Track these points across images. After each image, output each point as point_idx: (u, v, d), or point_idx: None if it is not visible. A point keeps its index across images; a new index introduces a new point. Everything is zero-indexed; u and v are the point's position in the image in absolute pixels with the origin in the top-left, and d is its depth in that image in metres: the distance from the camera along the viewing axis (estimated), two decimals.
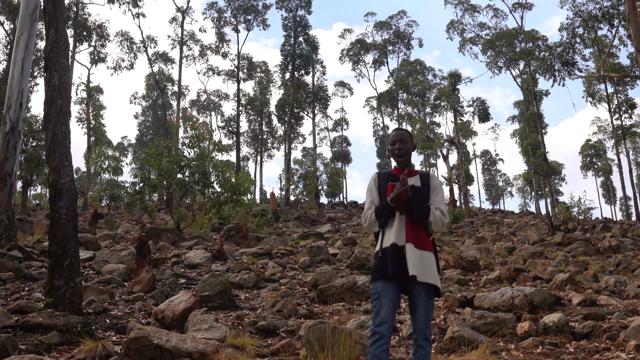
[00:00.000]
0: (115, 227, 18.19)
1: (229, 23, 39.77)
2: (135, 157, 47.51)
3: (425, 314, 3.02)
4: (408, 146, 3.30)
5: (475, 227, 23.65)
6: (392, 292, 3.05)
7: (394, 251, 3.07)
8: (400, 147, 3.28)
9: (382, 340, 2.94)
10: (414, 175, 3.29)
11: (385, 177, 3.30)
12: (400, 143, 3.28)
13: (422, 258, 3.06)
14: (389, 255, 3.07)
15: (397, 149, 3.28)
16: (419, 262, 3.03)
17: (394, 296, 3.05)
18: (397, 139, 3.30)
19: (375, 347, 2.93)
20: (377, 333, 2.95)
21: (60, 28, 6.07)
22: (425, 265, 3.05)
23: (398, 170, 3.33)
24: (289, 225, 23.06)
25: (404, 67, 49.92)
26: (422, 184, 3.25)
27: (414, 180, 3.25)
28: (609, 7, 21.92)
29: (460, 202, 39.43)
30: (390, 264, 3.05)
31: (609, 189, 59.84)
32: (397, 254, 3.06)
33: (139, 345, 4.16)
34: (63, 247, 5.45)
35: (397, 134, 3.33)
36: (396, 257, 3.05)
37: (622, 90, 39.27)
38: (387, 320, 2.98)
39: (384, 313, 2.99)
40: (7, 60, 27.75)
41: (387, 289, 3.04)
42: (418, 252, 3.07)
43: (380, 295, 3.03)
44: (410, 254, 3.04)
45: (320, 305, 7.13)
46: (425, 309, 3.03)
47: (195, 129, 16.63)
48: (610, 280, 8.19)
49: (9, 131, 10.30)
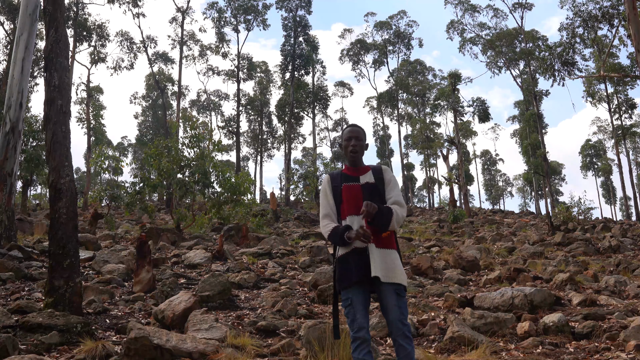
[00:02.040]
0: (115, 227, 18.18)
1: (229, 23, 39.81)
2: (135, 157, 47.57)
3: (399, 313, 2.98)
4: (362, 143, 3.26)
5: (475, 227, 23.65)
6: (362, 296, 3.04)
7: (355, 255, 3.04)
8: (355, 143, 3.23)
9: (363, 345, 2.96)
10: (367, 172, 3.25)
11: (338, 177, 3.25)
12: (355, 140, 3.24)
13: (386, 257, 3.03)
14: (352, 260, 3.04)
15: (352, 145, 3.23)
16: (382, 262, 3.00)
17: (364, 300, 3.05)
18: (353, 136, 3.25)
19: (359, 352, 2.96)
20: (358, 339, 2.97)
21: (60, 28, 6.07)
22: (390, 265, 3.02)
23: (349, 168, 3.28)
24: (289, 225, 23.06)
25: (404, 67, 49.97)
26: (375, 178, 3.21)
27: (367, 177, 3.21)
28: (609, 7, 21.92)
29: (460, 202, 39.42)
30: (354, 270, 3.02)
31: (609, 189, 59.87)
32: (359, 257, 3.02)
33: (139, 345, 4.16)
34: (63, 247, 5.45)
35: (353, 130, 3.28)
36: (360, 261, 3.02)
37: (622, 90, 39.29)
38: (364, 325, 2.99)
39: (359, 318, 2.99)
40: (7, 60, 27.77)
41: (357, 294, 3.03)
42: (381, 251, 3.03)
43: (353, 302, 3.02)
44: (373, 255, 3.00)
45: (320, 305, 7.12)
46: (399, 308, 2.99)
47: (195, 128, 16.63)
48: (610, 280, 8.19)
49: (9, 131, 10.30)
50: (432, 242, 15.48)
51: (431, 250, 14.05)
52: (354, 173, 3.24)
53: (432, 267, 10.00)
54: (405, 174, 52.17)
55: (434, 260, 11.43)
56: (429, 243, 15.29)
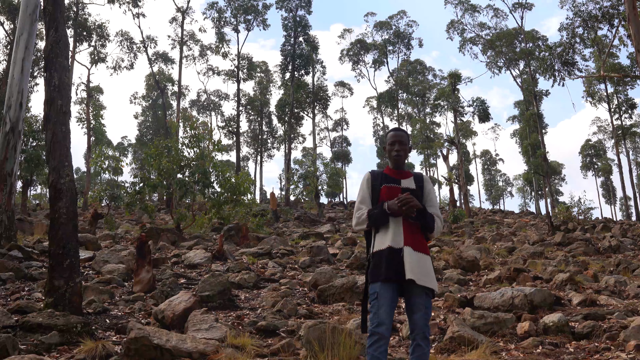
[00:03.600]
0: (115, 227, 18.17)
1: (229, 23, 39.78)
2: (135, 157, 47.51)
3: (424, 314, 3.01)
4: (406, 147, 3.28)
5: (475, 227, 23.64)
6: (390, 293, 3.03)
7: (390, 254, 3.05)
8: (399, 148, 3.25)
9: (381, 342, 2.93)
10: (409, 177, 3.27)
11: (379, 177, 3.26)
12: (399, 144, 3.25)
13: (421, 261, 3.05)
14: (385, 257, 3.05)
15: (396, 150, 3.25)
16: (417, 265, 3.01)
17: (392, 297, 3.04)
18: (397, 140, 3.27)
19: (374, 348, 2.93)
20: (376, 334, 2.94)
21: (60, 28, 6.07)
22: (424, 268, 3.04)
23: (391, 170, 3.29)
24: (289, 225, 23.06)
25: (404, 67, 49.96)
26: (417, 186, 3.24)
27: (408, 183, 3.24)
28: (609, 7, 21.93)
29: (460, 202, 39.43)
30: (386, 267, 3.03)
31: (609, 189, 59.83)
32: (393, 257, 3.03)
33: (139, 345, 4.16)
34: (63, 247, 5.45)
35: (397, 134, 3.29)
36: (392, 261, 3.03)
37: (622, 90, 39.32)
38: (386, 321, 2.97)
39: (382, 314, 2.97)
40: (7, 60, 27.77)
41: (385, 290, 3.02)
42: (417, 255, 3.05)
43: (379, 296, 3.01)
44: (408, 257, 3.01)
45: (320, 305, 7.12)
46: (425, 309, 3.01)
47: (195, 128, 16.63)
48: (610, 280, 8.18)
49: (9, 131, 10.30)
50: (432, 242, 15.49)
51: (431, 250, 14.07)
52: (396, 176, 3.27)
53: None
54: None
55: (434, 260, 11.43)
56: (429, 243, 15.26)
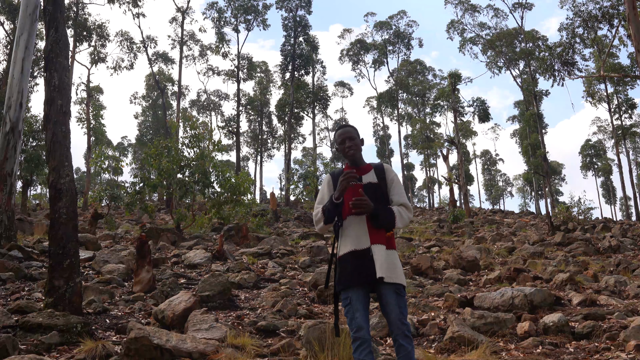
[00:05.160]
0: (115, 227, 18.18)
1: (229, 23, 39.78)
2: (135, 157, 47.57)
3: (399, 312, 2.97)
4: (357, 142, 3.22)
5: (475, 227, 23.64)
6: (362, 296, 3.03)
7: (353, 257, 3.02)
8: (350, 144, 3.19)
9: (364, 345, 2.95)
10: (369, 171, 3.21)
11: (338, 176, 3.20)
12: (349, 140, 3.20)
13: (389, 258, 3.03)
14: (350, 262, 3.03)
15: (347, 146, 3.20)
16: (385, 262, 3.00)
17: (364, 300, 3.04)
18: (346, 137, 3.21)
19: (359, 352, 2.94)
20: (358, 339, 2.96)
21: (60, 28, 6.06)
22: (392, 265, 3.02)
23: (350, 168, 3.23)
24: (289, 225, 23.06)
25: (404, 67, 50.00)
26: (378, 178, 3.19)
27: (370, 177, 3.18)
28: (608, 7, 21.93)
29: (460, 202, 39.43)
30: (353, 271, 3.01)
31: (609, 189, 59.85)
32: (358, 259, 3.01)
33: (139, 345, 4.16)
34: (63, 247, 5.44)
35: (344, 131, 3.25)
36: (358, 264, 3.01)
37: (622, 90, 39.33)
38: (364, 325, 2.98)
39: (359, 318, 2.98)
40: (7, 60, 27.75)
41: (357, 294, 3.02)
42: (385, 252, 3.03)
43: (352, 301, 3.01)
44: (377, 255, 2.99)
45: (320, 305, 7.12)
46: (399, 308, 2.98)
47: (195, 128, 16.64)
48: (610, 280, 8.18)
49: (9, 131, 10.30)
50: (432, 242, 15.48)
51: (431, 250, 14.06)
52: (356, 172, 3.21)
53: (432, 267, 10.00)
54: (405, 174, 52.17)
55: (434, 260, 11.43)
56: (429, 243, 15.29)
